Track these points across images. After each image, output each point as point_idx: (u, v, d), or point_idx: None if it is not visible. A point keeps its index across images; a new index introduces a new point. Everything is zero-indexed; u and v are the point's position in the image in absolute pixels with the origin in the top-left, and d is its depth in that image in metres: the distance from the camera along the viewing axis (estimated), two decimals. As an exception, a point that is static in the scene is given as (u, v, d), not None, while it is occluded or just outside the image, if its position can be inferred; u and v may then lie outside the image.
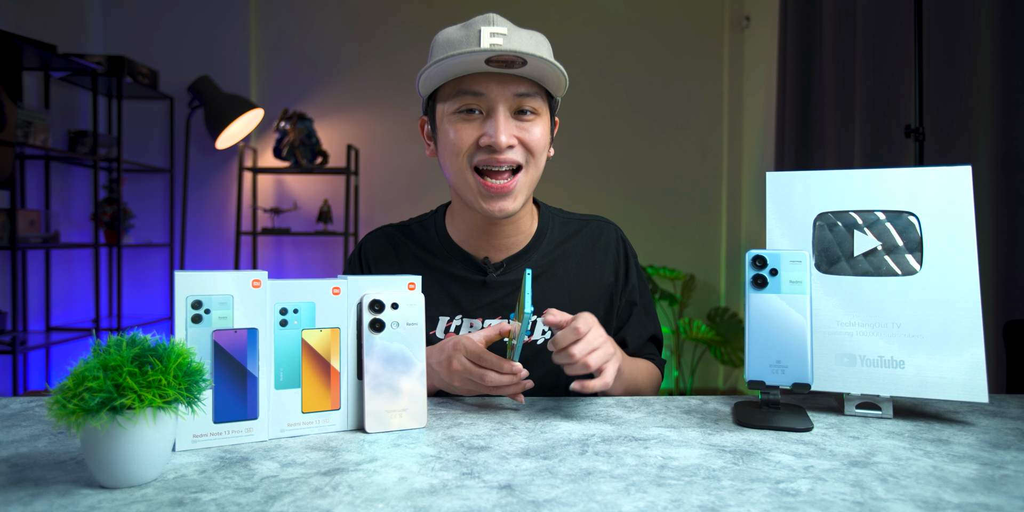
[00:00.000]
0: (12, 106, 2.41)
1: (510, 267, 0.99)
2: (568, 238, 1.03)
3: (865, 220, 0.84)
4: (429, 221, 1.04)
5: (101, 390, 0.52)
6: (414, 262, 1.00)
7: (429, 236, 1.02)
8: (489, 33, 0.85)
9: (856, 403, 0.81)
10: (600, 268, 1.03)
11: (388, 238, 1.04)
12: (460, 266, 0.99)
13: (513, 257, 0.99)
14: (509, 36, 0.86)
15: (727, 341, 3.21)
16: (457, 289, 0.98)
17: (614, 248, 1.05)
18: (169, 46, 3.43)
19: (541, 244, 1.01)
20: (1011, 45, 1.65)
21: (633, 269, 1.06)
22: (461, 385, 0.81)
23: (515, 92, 0.87)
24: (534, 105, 0.89)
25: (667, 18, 3.60)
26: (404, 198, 3.55)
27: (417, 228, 1.04)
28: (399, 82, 3.54)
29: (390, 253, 1.02)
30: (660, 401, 0.87)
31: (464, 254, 0.99)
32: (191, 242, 3.48)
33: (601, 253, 1.04)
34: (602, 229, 1.06)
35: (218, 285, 0.66)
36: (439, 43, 0.90)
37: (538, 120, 0.91)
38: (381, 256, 1.02)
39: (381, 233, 1.05)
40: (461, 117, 0.89)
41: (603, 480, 0.57)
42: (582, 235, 1.04)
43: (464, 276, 0.98)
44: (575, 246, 1.03)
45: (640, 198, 3.58)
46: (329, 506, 0.51)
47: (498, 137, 0.86)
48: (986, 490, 0.56)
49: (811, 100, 2.61)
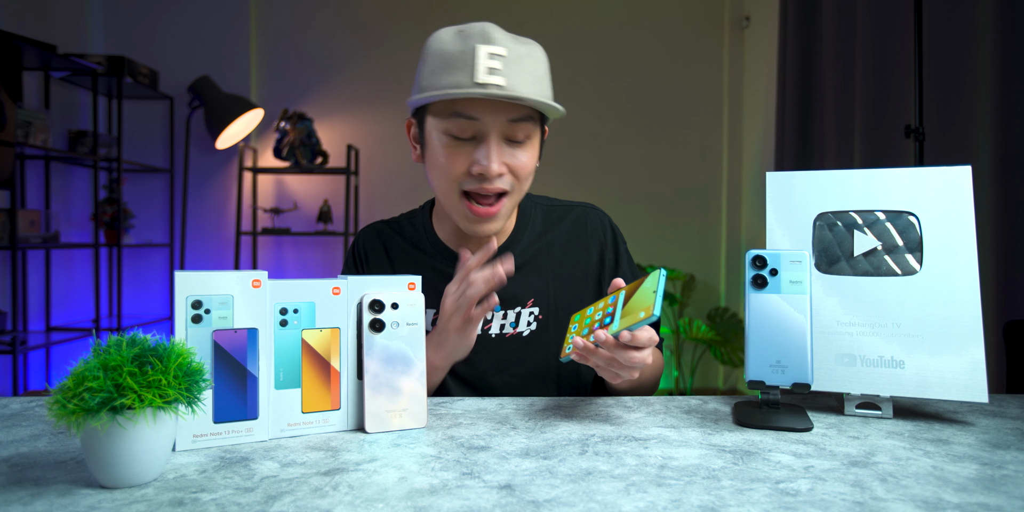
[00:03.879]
0: (12, 106, 2.41)
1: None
2: (551, 227, 1.03)
3: (865, 220, 0.84)
4: (418, 218, 1.05)
5: (101, 390, 0.52)
6: (402, 258, 1.02)
7: (417, 233, 1.03)
8: (487, 54, 0.82)
9: (856, 403, 0.81)
10: (585, 254, 1.02)
11: (379, 234, 1.05)
12: (445, 262, 1.00)
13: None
14: (507, 59, 0.83)
15: (727, 341, 3.21)
16: (441, 283, 0.98)
17: (600, 234, 1.04)
18: (169, 46, 3.43)
19: (522, 237, 1.01)
20: (1011, 45, 1.65)
21: (623, 255, 1.05)
22: (456, 315, 0.83)
23: (509, 117, 0.85)
24: (527, 131, 0.87)
25: (667, 18, 3.60)
26: (404, 198, 3.55)
27: (407, 225, 1.05)
28: (399, 82, 3.54)
29: (380, 248, 1.03)
30: (660, 401, 0.87)
31: (447, 250, 1.00)
32: (191, 242, 3.48)
33: (585, 239, 1.03)
34: (587, 215, 1.05)
35: (218, 285, 0.66)
36: (432, 54, 0.87)
37: (529, 145, 0.89)
38: (372, 251, 1.03)
39: (372, 229, 1.06)
40: (452, 140, 0.86)
41: (603, 480, 0.57)
42: (566, 222, 1.04)
43: (450, 272, 0.98)
44: (559, 234, 1.03)
45: (640, 198, 3.58)
46: (329, 506, 0.51)
47: (490, 166, 0.84)
48: (986, 490, 0.56)
49: (811, 100, 2.61)
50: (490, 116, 0.84)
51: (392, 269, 1.01)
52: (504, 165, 0.86)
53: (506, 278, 0.83)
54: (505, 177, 0.87)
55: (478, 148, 0.86)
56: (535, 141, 0.91)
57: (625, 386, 0.92)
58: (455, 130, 0.85)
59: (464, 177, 0.87)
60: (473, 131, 0.85)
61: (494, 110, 0.84)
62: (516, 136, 0.86)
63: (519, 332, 0.98)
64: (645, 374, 0.95)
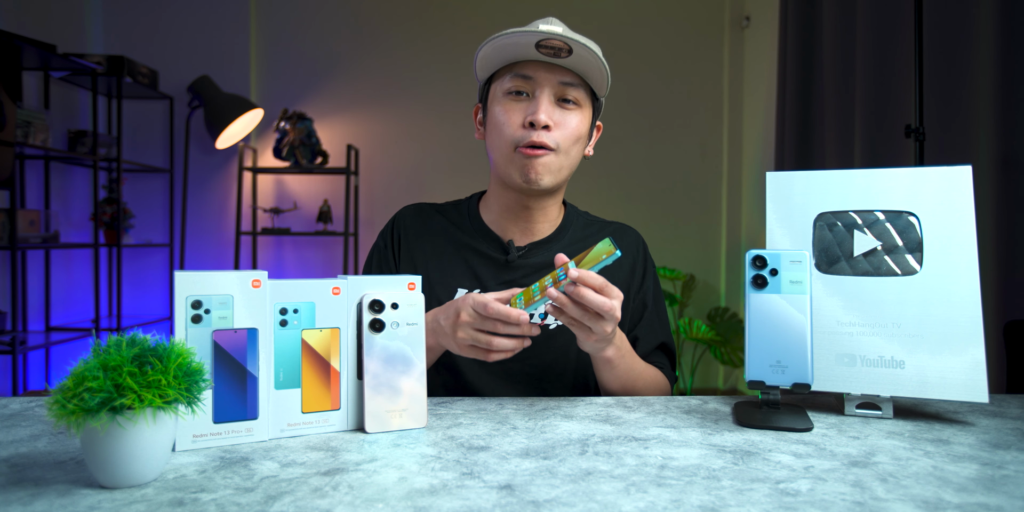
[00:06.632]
0: (12, 106, 2.41)
1: (531, 252, 1.03)
2: (588, 237, 1.08)
3: (865, 220, 0.84)
4: (463, 204, 1.11)
5: (101, 390, 0.52)
6: (442, 235, 1.06)
7: (460, 216, 1.08)
8: (542, 26, 0.93)
9: (856, 403, 0.81)
10: (618, 266, 1.06)
11: (421, 211, 1.10)
12: (485, 244, 1.04)
13: (536, 243, 1.04)
14: (563, 33, 0.92)
15: (727, 341, 3.21)
16: (479, 264, 1.03)
17: (633, 248, 1.09)
18: (169, 46, 3.43)
19: (564, 236, 1.06)
20: (1011, 45, 1.65)
21: (650, 274, 1.10)
22: (464, 337, 0.80)
23: (560, 80, 0.94)
24: (576, 95, 0.96)
25: (667, 18, 3.60)
26: (404, 198, 3.55)
27: (450, 208, 1.11)
28: (399, 82, 3.54)
29: (421, 224, 1.08)
30: (660, 401, 0.87)
31: (491, 234, 1.05)
32: (191, 242, 3.48)
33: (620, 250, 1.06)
34: (625, 231, 1.11)
35: (218, 285, 0.66)
36: (492, 39, 0.96)
37: (578, 110, 0.97)
38: (412, 226, 1.07)
39: (415, 207, 1.11)
40: (511, 98, 0.96)
41: (603, 480, 0.57)
42: (603, 234, 1.09)
43: (488, 253, 1.04)
44: (594, 243, 1.05)
45: (640, 198, 3.58)
46: (329, 506, 0.51)
47: (538, 115, 0.93)
48: (986, 490, 0.56)
49: (811, 100, 2.61)
50: (543, 75, 0.94)
51: (430, 247, 1.05)
52: (552, 120, 0.94)
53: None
54: (553, 133, 0.94)
55: (531, 103, 0.95)
56: (585, 110, 0.98)
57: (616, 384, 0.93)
58: (513, 88, 0.96)
59: (518, 131, 0.95)
60: (528, 89, 0.95)
61: (548, 70, 0.94)
62: (567, 95, 0.96)
63: (547, 324, 1.01)
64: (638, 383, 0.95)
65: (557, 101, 0.96)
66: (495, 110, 0.98)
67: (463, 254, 1.04)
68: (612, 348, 0.87)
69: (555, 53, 0.92)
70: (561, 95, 0.95)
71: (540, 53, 0.92)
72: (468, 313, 0.80)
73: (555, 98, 0.95)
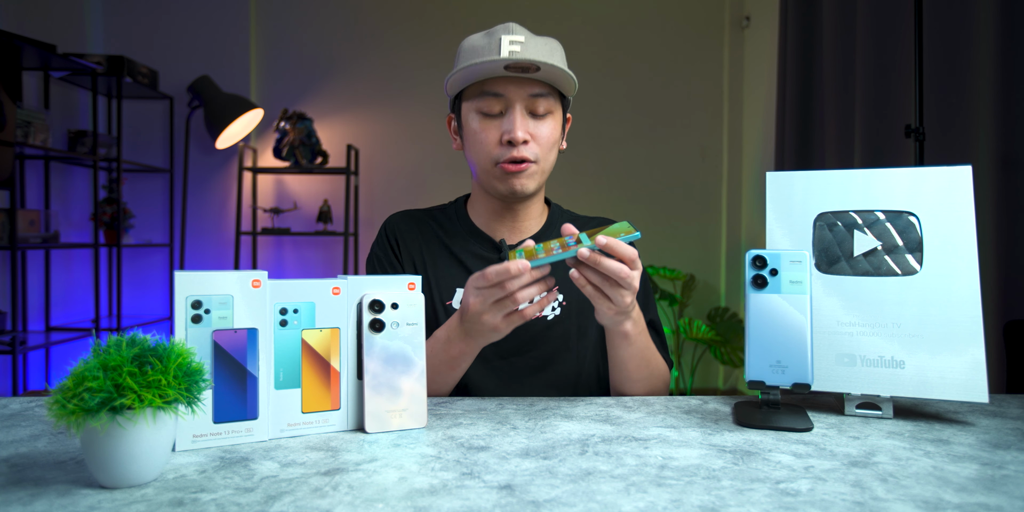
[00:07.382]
0: (12, 106, 2.41)
1: None
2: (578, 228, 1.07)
3: (865, 220, 0.84)
4: (449, 209, 1.12)
5: (101, 390, 0.52)
6: (435, 239, 1.08)
7: (449, 219, 1.10)
8: (508, 42, 0.94)
9: (856, 403, 0.81)
10: None
11: (412, 218, 1.11)
12: (477, 245, 1.06)
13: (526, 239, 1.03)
14: (526, 44, 0.94)
15: (727, 341, 3.21)
16: (474, 264, 1.04)
17: None
18: (169, 46, 3.43)
19: (552, 232, 1.09)
20: (1011, 45, 1.65)
21: None
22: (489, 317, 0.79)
23: (530, 93, 0.96)
24: (547, 105, 0.98)
25: (667, 18, 3.60)
26: (404, 198, 3.55)
27: (438, 213, 1.12)
28: (399, 82, 3.54)
29: (415, 230, 1.09)
30: (660, 401, 0.87)
31: (482, 234, 1.07)
32: (191, 242, 3.48)
33: None
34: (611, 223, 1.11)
35: (218, 285, 0.66)
36: (465, 50, 0.98)
37: (550, 117, 0.99)
38: (407, 231, 1.09)
39: (404, 214, 1.12)
40: (483, 117, 0.98)
41: (603, 480, 0.57)
42: (590, 226, 1.10)
43: (481, 254, 1.06)
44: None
45: (640, 198, 3.58)
46: (329, 506, 0.51)
47: (515, 132, 0.95)
48: (986, 490, 0.56)
49: (811, 100, 2.61)
50: (513, 91, 0.96)
51: (425, 251, 1.06)
52: (528, 134, 0.96)
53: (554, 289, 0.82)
54: (530, 145, 0.97)
55: (505, 120, 0.97)
56: (556, 116, 1.01)
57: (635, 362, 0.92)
58: (485, 107, 0.97)
59: (496, 147, 0.97)
60: (500, 106, 0.97)
61: (517, 86, 0.96)
62: (537, 109, 0.97)
63: (544, 316, 1.02)
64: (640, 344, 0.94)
65: (529, 113, 0.98)
66: (470, 127, 0.99)
67: (458, 256, 1.06)
68: (630, 322, 0.86)
69: (523, 70, 0.93)
70: (532, 108, 0.97)
71: (508, 72, 0.93)
72: (474, 295, 0.79)
73: (527, 110, 0.97)
